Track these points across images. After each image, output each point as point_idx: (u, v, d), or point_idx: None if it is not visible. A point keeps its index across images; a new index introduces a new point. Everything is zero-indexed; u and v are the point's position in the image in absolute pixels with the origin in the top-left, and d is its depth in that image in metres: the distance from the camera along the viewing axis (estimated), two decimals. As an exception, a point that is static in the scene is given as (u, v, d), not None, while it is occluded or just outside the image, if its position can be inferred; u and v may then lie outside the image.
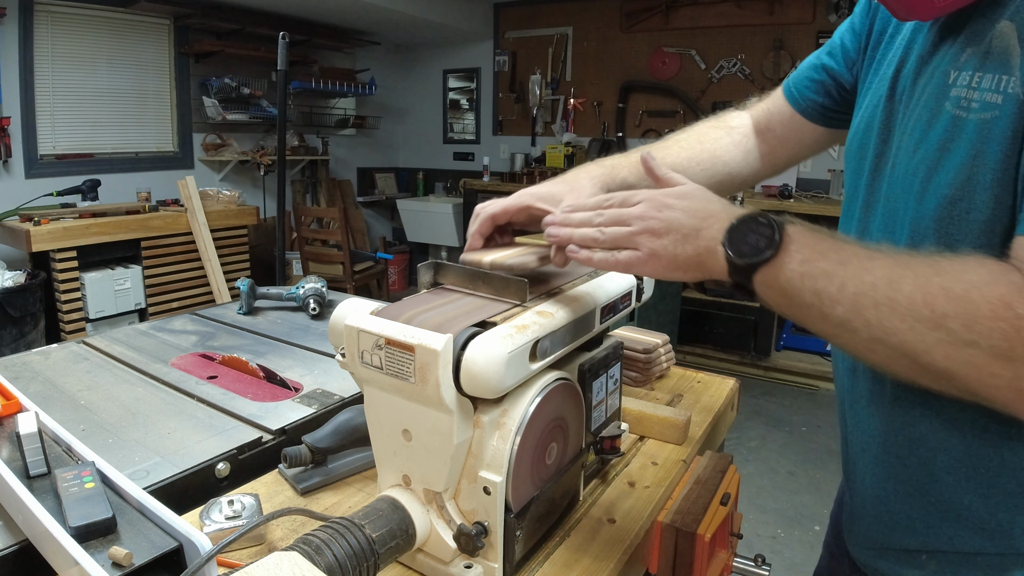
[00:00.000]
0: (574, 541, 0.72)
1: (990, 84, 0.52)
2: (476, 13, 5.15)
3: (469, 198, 4.81)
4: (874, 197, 0.67)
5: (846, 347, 0.54)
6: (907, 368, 0.50)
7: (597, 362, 0.78)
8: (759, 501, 2.58)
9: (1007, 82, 0.50)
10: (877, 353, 0.51)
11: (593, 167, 0.85)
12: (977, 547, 0.61)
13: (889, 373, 0.54)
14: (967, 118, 0.53)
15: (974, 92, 0.53)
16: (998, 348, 0.45)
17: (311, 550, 0.54)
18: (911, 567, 0.67)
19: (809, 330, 0.55)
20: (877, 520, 0.70)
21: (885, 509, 0.68)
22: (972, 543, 0.61)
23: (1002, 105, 0.50)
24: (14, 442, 0.71)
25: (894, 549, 0.69)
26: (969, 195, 0.53)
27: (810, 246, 0.53)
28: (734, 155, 0.91)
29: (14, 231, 3.07)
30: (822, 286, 0.51)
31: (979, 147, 0.52)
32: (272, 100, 4.49)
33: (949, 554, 0.64)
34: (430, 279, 0.75)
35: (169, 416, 0.94)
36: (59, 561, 0.55)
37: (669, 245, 0.58)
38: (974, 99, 0.53)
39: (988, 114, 0.51)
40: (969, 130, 0.53)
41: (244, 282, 1.49)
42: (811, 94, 0.84)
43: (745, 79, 4.34)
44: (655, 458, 0.92)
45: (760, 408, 3.49)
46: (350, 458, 0.84)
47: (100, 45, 3.76)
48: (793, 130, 0.88)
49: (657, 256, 0.58)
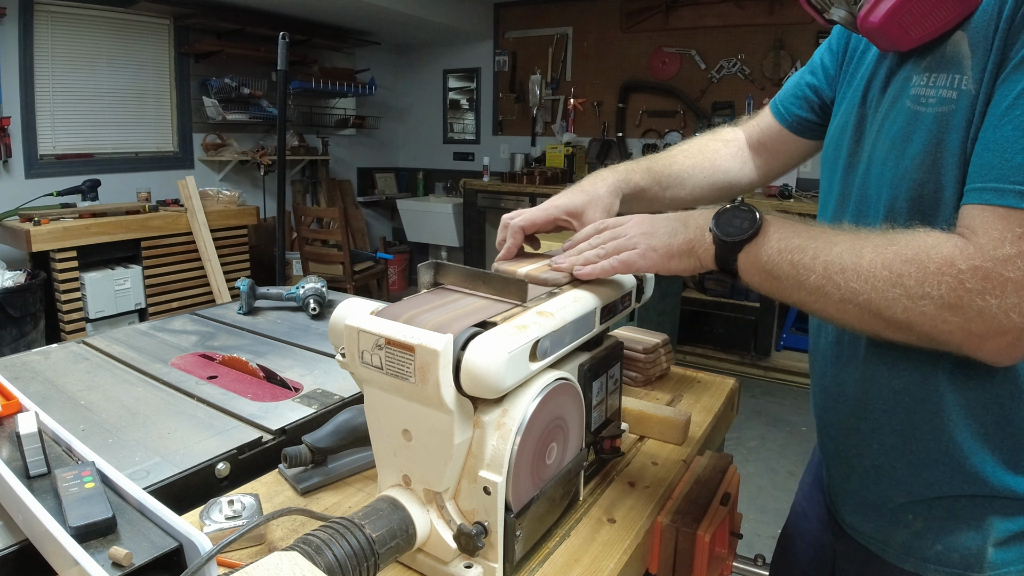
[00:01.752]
0: (574, 541, 0.72)
1: (945, 82, 0.61)
2: (476, 13, 5.15)
3: (469, 198, 4.81)
4: (848, 190, 0.75)
5: (821, 312, 0.62)
6: (874, 323, 0.59)
7: (597, 362, 0.78)
8: (759, 501, 2.58)
9: (960, 80, 0.59)
10: (848, 313, 0.60)
11: (608, 173, 0.91)
12: (956, 490, 0.68)
13: (860, 331, 0.63)
14: (924, 112, 0.62)
15: (930, 90, 0.62)
16: (946, 298, 0.54)
17: (311, 550, 0.54)
18: (898, 526, 0.73)
19: (785, 300, 0.64)
20: (864, 477, 0.76)
21: (871, 464, 0.74)
22: (951, 486, 0.68)
23: (957, 100, 0.59)
24: (14, 442, 0.71)
25: (881, 507, 0.75)
26: (936, 177, 0.61)
27: (785, 226, 0.63)
28: (732, 165, 1.00)
29: (14, 231, 3.07)
30: (798, 258, 0.61)
31: (939, 136, 0.61)
32: (272, 100, 4.49)
33: (932, 504, 0.70)
34: (430, 279, 0.75)
35: (169, 416, 0.94)
36: (59, 561, 0.55)
37: (664, 237, 0.69)
38: (931, 96, 0.62)
39: (945, 108, 0.60)
40: (928, 122, 0.62)
41: (244, 282, 1.49)
42: (796, 110, 0.93)
43: (745, 79, 4.34)
44: (655, 458, 0.92)
45: (760, 408, 3.49)
46: (350, 458, 0.84)
47: (100, 45, 3.76)
48: (781, 143, 0.97)
49: (654, 248, 0.69)
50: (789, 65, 4.17)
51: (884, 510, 0.75)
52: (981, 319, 0.53)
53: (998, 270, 0.53)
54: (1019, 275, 0.52)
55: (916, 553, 0.72)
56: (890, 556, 0.75)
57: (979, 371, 0.64)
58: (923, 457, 0.69)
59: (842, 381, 0.77)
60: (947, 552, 0.70)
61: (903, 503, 0.72)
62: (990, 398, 0.65)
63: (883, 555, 0.75)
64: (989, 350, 0.55)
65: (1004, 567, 0.67)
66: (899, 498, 0.72)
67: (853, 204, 0.73)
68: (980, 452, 0.66)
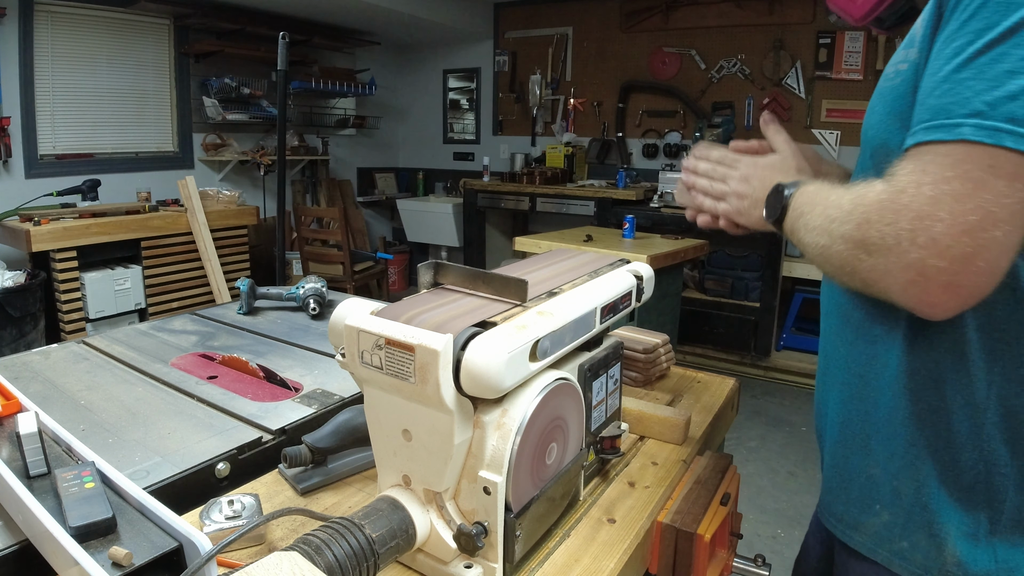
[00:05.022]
0: (574, 541, 0.72)
1: (902, 57, 0.66)
2: (476, 13, 5.15)
3: (469, 198, 4.81)
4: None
5: (823, 258, 0.65)
6: (834, 273, 0.63)
7: (597, 362, 0.78)
8: (759, 501, 2.58)
9: (910, 52, 0.64)
10: (824, 264, 0.64)
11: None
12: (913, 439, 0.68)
13: (842, 282, 0.66)
14: (886, 86, 0.68)
15: (892, 67, 0.68)
16: (854, 235, 0.57)
17: (311, 550, 0.54)
18: (868, 514, 0.74)
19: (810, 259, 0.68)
20: (841, 447, 0.77)
21: (849, 432, 0.76)
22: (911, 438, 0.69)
23: (906, 70, 0.64)
24: (14, 442, 0.71)
25: (854, 481, 0.75)
26: (891, 139, 0.65)
27: (803, 201, 0.69)
28: None
29: (14, 231, 3.07)
30: (806, 220, 0.66)
31: (892, 104, 0.66)
32: (272, 100, 4.49)
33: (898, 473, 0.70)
34: (430, 279, 0.75)
35: (169, 416, 0.94)
36: (59, 561, 0.55)
37: (743, 206, 0.82)
38: (891, 71, 0.68)
39: (899, 79, 0.65)
40: (886, 92, 0.68)
41: (244, 282, 1.49)
42: None
43: (745, 79, 4.34)
44: (655, 458, 0.92)
45: (760, 408, 3.49)
46: (350, 458, 0.84)
47: (100, 45, 3.76)
48: None
49: (738, 212, 0.82)
50: (789, 65, 4.17)
51: (854, 492, 0.75)
52: (881, 252, 0.55)
53: (894, 198, 0.54)
54: (914, 201, 0.52)
55: (884, 546, 0.72)
56: (860, 547, 0.74)
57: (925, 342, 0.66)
58: (889, 417, 0.70)
59: (836, 346, 0.80)
60: (911, 549, 0.69)
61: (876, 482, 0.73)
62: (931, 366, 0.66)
63: (851, 544, 0.75)
64: (906, 294, 0.55)
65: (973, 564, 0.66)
66: (869, 467, 0.73)
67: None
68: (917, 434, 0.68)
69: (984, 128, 0.51)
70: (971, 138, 0.51)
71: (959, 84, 0.53)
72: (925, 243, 0.52)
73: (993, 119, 0.50)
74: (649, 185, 4.41)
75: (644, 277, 0.85)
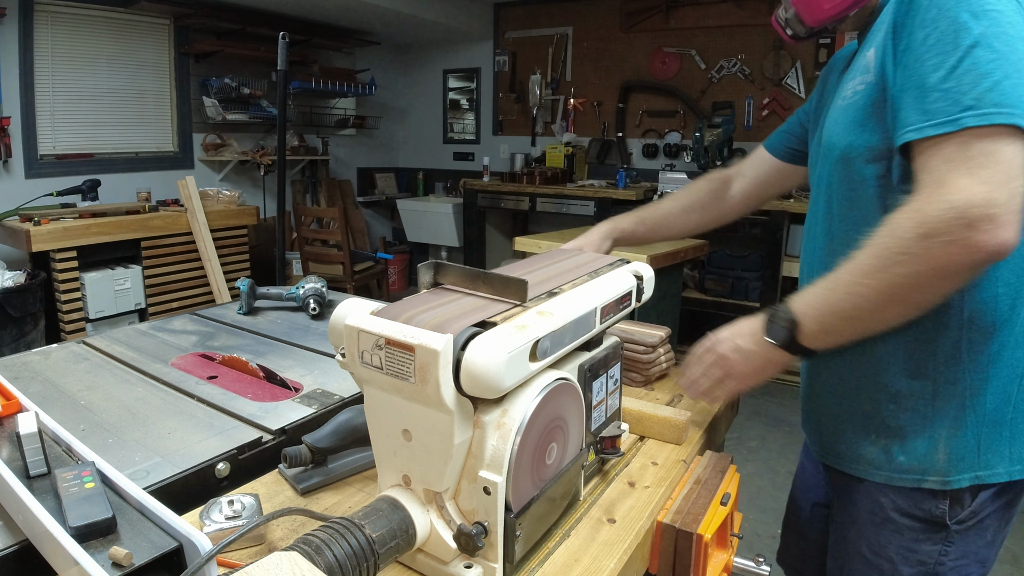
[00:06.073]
0: (574, 541, 0.72)
1: (859, 81, 0.82)
2: (476, 13, 5.15)
3: (469, 198, 4.81)
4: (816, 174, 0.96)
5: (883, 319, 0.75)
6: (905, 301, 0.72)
7: (597, 362, 0.78)
8: (759, 501, 2.58)
9: (866, 77, 0.80)
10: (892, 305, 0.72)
11: (603, 223, 1.25)
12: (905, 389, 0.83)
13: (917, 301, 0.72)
14: (845, 104, 0.84)
15: (849, 90, 0.84)
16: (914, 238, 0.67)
17: (311, 550, 0.54)
18: (866, 444, 0.87)
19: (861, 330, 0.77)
20: (833, 396, 0.92)
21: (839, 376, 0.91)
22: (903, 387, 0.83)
23: (863, 90, 0.80)
24: (14, 442, 0.71)
25: (849, 423, 0.90)
26: (855, 141, 0.82)
27: (807, 303, 0.79)
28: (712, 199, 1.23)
29: (14, 231, 3.07)
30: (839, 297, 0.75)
31: (854, 116, 0.82)
32: (272, 100, 4.49)
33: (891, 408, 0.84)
34: (430, 279, 0.75)
35: (169, 416, 0.94)
36: (59, 561, 0.55)
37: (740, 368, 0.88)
38: (847, 93, 0.84)
39: (857, 97, 0.82)
40: (847, 108, 0.83)
41: (244, 282, 1.49)
42: (783, 138, 1.15)
43: (745, 79, 4.34)
44: (655, 458, 0.92)
45: (760, 408, 3.49)
46: (350, 458, 0.84)
47: (100, 45, 3.76)
48: (770, 171, 1.18)
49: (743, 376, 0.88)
50: (789, 65, 4.17)
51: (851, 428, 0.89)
52: (947, 228, 0.65)
53: (933, 192, 0.67)
54: (953, 184, 0.66)
55: (884, 466, 0.86)
56: (861, 472, 0.88)
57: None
58: (882, 366, 0.84)
59: None
60: (909, 460, 0.83)
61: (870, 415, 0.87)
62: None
63: (855, 472, 0.89)
64: (981, 243, 0.64)
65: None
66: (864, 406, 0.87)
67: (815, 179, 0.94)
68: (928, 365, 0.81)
69: (980, 114, 0.65)
70: (972, 124, 0.65)
71: (947, 92, 0.67)
72: (980, 202, 0.63)
73: (983, 107, 0.65)
74: (649, 185, 4.41)
75: (644, 277, 0.86)
